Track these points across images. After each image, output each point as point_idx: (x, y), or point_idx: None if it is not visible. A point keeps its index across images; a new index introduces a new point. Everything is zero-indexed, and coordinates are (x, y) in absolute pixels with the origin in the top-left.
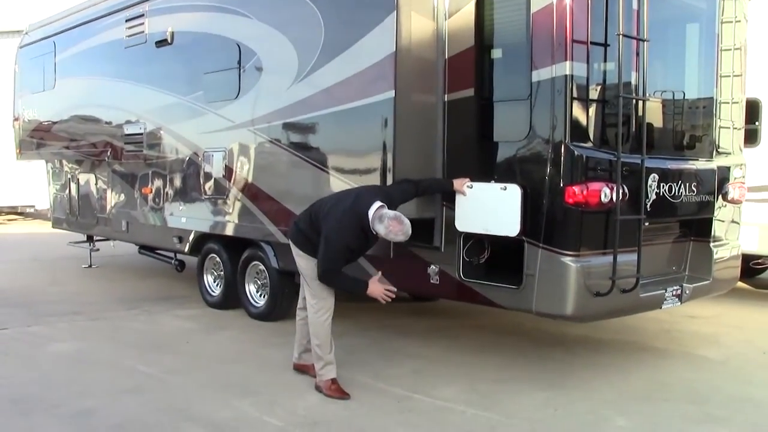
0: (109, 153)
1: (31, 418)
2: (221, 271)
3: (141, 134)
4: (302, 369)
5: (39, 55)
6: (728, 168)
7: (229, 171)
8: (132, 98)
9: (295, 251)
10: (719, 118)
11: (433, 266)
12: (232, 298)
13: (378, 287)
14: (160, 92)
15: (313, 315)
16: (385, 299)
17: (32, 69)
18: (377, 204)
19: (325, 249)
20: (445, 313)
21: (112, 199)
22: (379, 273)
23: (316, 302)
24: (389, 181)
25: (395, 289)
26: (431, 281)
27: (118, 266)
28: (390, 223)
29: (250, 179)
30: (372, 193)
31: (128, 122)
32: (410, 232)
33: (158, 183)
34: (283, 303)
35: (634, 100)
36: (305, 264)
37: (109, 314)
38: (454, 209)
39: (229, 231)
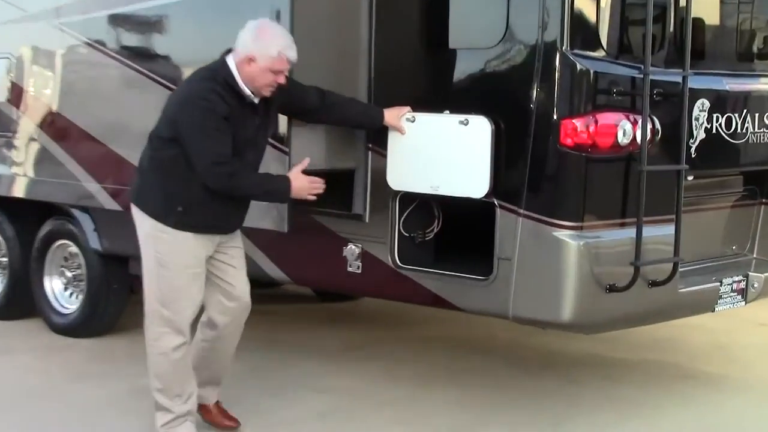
0: None
1: None
2: (4, 256)
3: None
4: (207, 416)
5: None
6: None
7: (17, 92)
8: None
9: (139, 218)
10: None
11: (352, 246)
12: (23, 301)
13: (303, 179)
14: None
15: (152, 343)
16: (313, 194)
17: None
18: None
19: (191, 136)
20: (372, 320)
21: None
22: (306, 160)
23: (152, 322)
24: None
25: (322, 181)
26: (349, 269)
27: None
28: (260, 24)
29: (54, 107)
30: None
31: None
32: (293, 42)
33: None
34: (108, 307)
35: None
36: (147, 250)
37: None
38: (385, 156)
39: (18, 191)
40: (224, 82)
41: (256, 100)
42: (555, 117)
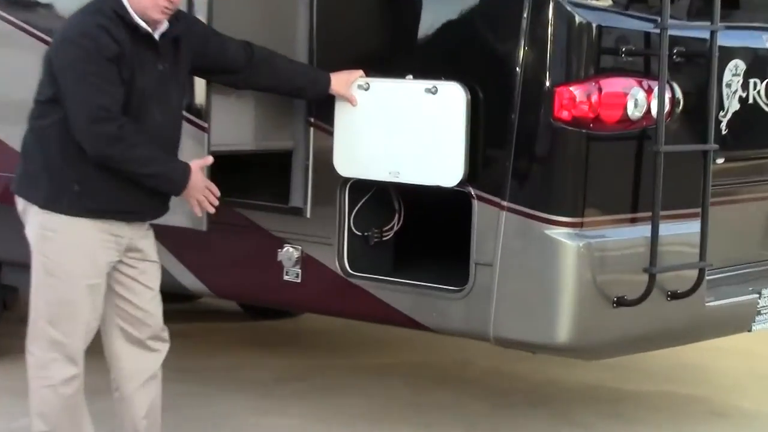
0: None
1: None
2: None
3: None
4: None
5: None
6: None
7: None
8: None
9: (25, 213)
10: None
11: (289, 248)
12: None
13: (200, 178)
14: None
15: (36, 372)
16: (206, 204)
17: None
18: None
19: (68, 84)
20: (315, 343)
21: None
22: (209, 158)
23: (38, 346)
24: None
25: (218, 193)
26: (286, 278)
27: None
28: None
29: None
30: None
31: None
32: None
33: None
34: None
35: None
36: (35, 255)
37: None
38: (331, 133)
39: None
40: (112, 14)
41: (156, 35)
42: (548, 84)
